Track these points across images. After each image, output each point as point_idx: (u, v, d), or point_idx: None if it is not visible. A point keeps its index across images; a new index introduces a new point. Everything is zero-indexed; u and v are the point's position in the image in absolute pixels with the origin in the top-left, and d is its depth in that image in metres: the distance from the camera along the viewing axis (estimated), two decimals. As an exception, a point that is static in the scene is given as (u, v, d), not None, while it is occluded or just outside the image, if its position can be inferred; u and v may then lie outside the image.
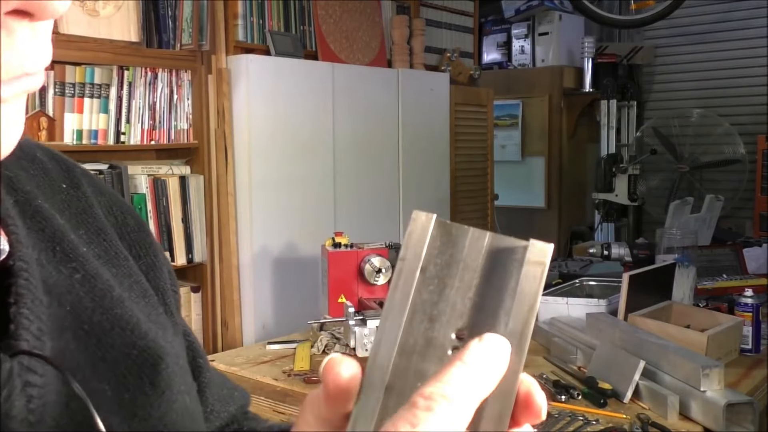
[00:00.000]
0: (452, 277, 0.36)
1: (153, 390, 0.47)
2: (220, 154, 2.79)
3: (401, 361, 0.34)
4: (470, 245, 0.36)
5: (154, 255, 0.59)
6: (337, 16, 3.31)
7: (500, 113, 4.73)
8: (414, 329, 0.35)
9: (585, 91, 4.76)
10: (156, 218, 2.62)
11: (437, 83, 3.68)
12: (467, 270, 0.36)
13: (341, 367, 0.35)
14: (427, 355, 0.35)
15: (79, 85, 2.41)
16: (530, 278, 0.35)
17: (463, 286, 0.35)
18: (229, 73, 2.81)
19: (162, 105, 2.63)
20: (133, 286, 0.53)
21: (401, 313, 0.35)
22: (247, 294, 2.84)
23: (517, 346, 0.34)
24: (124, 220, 0.57)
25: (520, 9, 4.83)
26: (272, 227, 2.90)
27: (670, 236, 2.42)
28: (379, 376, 0.34)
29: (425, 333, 0.35)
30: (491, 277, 0.35)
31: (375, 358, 0.34)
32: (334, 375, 0.35)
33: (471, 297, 0.35)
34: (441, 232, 0.36)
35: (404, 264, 0.35)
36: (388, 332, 0.35)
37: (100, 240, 0.53)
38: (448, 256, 0.36)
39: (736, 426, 1.47)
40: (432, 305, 0.35)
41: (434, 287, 0.35)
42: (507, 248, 0.35)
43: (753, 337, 1.94)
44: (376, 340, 0.35)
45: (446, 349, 0.35)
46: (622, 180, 4.57)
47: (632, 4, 4.42)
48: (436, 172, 3.67)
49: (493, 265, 0.36)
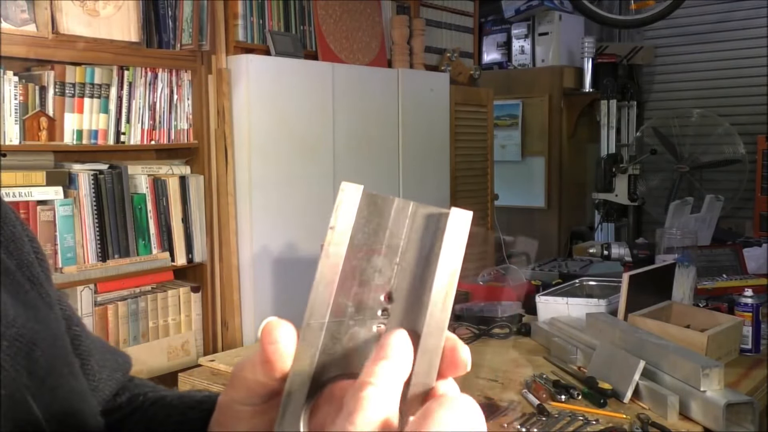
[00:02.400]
0: (379, 244, 0.37)
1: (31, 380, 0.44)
2: (220, 154, 2.79)
3: (333, 324, 0.36)
4: (396, 214, 0.38)
5: (11, 224, 0.53)
6: (337, 16, 3.31)
7: (500, 113, 4.73)
8: (345, 293, 0.37)
9: (585, 91, 4.76)
10: (156, 218, 2.62)
11: (437, 83, 3.68)
12: (393, 237, 0.38)
13: (279, 331, 0.36)
14: (357, 318, 0.37)
15: (79, 85, 2.41)
16: (452, 243, 0.36)
17: (390, 252, 0.38)
18: (229, 73, 2.81)
19: (162, 105, 2.63)
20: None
21: (333, 279, 0.37)
22: (247, 294, 2.84)
23: (441, 305, 0.36)
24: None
25: (520, 9, 4.83)
26: (272, 227, 2.90)
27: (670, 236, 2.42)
28: (313, 339, 0.36)
29: (355, 297, 0.37)
30: (416, 243, 0.38)
31: (309, 322, 0.36)
32: (273, 339, 0.36)
33: (397, 262, 0.37)
34: (368, 202, 0.38)
35: (334, 233, 0.37)
36: (320, 297, 0.37)
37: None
38: (375, 225, 0.38)
39: (736, 426, 1.47)
40: (361, 271, 0.37)
41: (363, 254, 0.37)
42: (430, 215, 0.38)
43: (753, 337, 1.94)
44: (310, 305, 0.37)
45: (375, 311, 0.37)
46: (622, 180, 4.57)
47: (632, 4, 4.42)
48: (436, 172, 3.67)
49: (418, 232, 0.38)
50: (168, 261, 2.65)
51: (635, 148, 4.66)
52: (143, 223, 2.59)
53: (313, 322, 0.36)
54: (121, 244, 2.50)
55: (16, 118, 2.26)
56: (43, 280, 0.53)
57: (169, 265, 2.66)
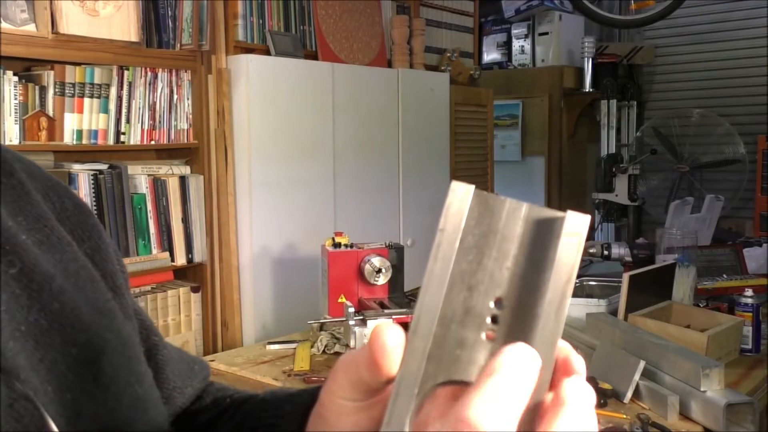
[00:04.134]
0: (490, 248, 0.36)
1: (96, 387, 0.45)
2: (220, 154, 2.79)
3: (441, 330, 0.35)
4: (507, 216, 0.36)
5: (98, 237, 0.56)
6: (337, 16, 3.31)
7: (500, 113, 4.73)
8: (453, 299, 0.36)
9: (585, 91, 4.76)
10: (156, 218, 2.62)
11: (437, 83, 3.68)
12: (505, 240, 0.36)
13: (388, 334, 0.35)
14: (466, 324, 0.36)
15: (79, 85, 2.41)
16: (567, 249, 0.35)
17: (501, 256, 0.36)
18: (229, 73, 2.81)
19: (162, 105, 2.63)
20: (79, 271, 0.50)
21: (441, 284, 0.35)
22: (247, 294, 2.84)
23: (555, 314, 0.35)
24: (62, 205, 0.54)
25: (520, 9, 4.83)
26: (272, 227, 2.90)
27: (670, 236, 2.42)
28: (420, 345, 0.35)
29: (464, 302, 0.36)
30: (528, 247, 0.36)
31: (416, 328, 0.35)
32: (381, 342, 0.35)
33: (509, 267, 0.36)
34: (479, 202, 0.36)
35: (443, 235, 0.36)
36: (428, 302, 0.35)
37: (41, 226, 0.50)
38: (485, 227, 0.36)
39: (736, 426, 1.47)
40: (471, 275, 0.36)
41: (473, 257, 0.36)
42: (544, 219, 0.36)
43: (753, 337, 1.94)
44: (417, 310, 0.35)
45: (484, 317, 0.36)
46: (622, 180, 4.57)
47: (632, 4, 4.42)
48: (436, 172, 3.67)
49: (531, 236, 0.36)
50: (168, 261, 2.65)
51: (635, 148, 4.66)
52: (143, 223, 2.59)
53: (421, 327, 0.35)
54: (121, 244, 2.49)
55: (16, 118, 2.26)
56: (124, 290, 0.56)
57: (169, 265, 2.66)
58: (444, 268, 0.35)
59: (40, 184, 0.53)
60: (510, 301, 0.36)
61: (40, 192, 0.53)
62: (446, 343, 0.35)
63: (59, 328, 0.44)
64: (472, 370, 0.35)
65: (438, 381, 0.35)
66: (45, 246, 0.49)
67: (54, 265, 0.48)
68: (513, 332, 0.35)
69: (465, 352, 0.35)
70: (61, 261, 0.49)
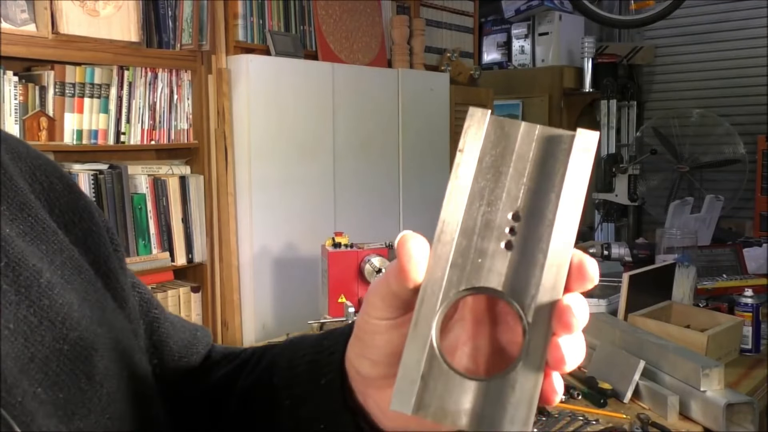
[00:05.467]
0: (506, 166, 0.39)
1: (90, 385, 0.43)
2: (220, 154, 2.79)
3: (463, 240, 0.38)
4: (522, 137, 0.39)
5: (90, 219, 0.54)
6: (337, 16, 3.31)
7: (500, 113, 4.72)
8: (473, 212, 0.38)
9: (585, 91, 4.75)
10: (156, 218, 2.62)
11: (437, 83, 3.68)
12: (520, 159, 0.39)
13: (413, 242, 0.37)
14: (486, 235, 0.38)
15: (79, 85, 2.41)
16: (579, 162, 0.38)
17: (517, 174, 0.39)
18: (229, 73, 2.81)
19: (162, 105, 2.63)
20: (65, 263, 0.48)
21: (462, 198, 0.38)
22: (247, 294, 2.84)
23: (569, 223, 0.38)
24: (51, 185, 0.52)
25: (520, 9, 4.83)
26: (272, 227, 2.90)
27: (670, 236, 2.42)
28: (444, 253, 0.38)
29: (484, 216, 0.38)
30: (542, 163, 0.39)
31: (440, 237, 0.38)
32: (407, 249, 0.37)
33: (524, 183, 0.39)
34: (495, 126, 0.39)
35: (462, 155, 0.38)
36: (450, 215, 0.38)
37: (24, 215, 0.47)
38: (502, 147, 0.39)
39: (736, 426, 1.47)
40: (489, 191, 0.39)
41: (491, 175, 0.39)
42: (556, 136, 0.39)
43: (753, 337, 1.94)
44: (441, 222, 0.38)
45: (503, 228, 0.38)
46: (622, 180, 4.57)
47: (632, 4, 4.41)
48: (436, 172, 3.67)
49: (544, 154, 0.39)
50: (168, 261, 2.65)
51: (635, 148, 4.66)
52: (143, 223, 2.59)
53: (444, 237, 0.38)
54: (121, 244, 2.49)
55: (16, 118, 2.26)
56: (118, 271, 0.54)
57: (169, 265, 2.66)
58: (464, 184, 0.38)
59: (26, 164, 0.51)
60: (526, 213, 0.38)
61: (27, 173, 0.50)
62: (468, 252, 0.38)
63: (49, 325, 0.43)
64: (493, 278, 0.38)
65: (461, 287, 0.38)
66: (29, 237, 0.47)
67: (40, 257, 0.46)
68: (530, 241, 0.38)
69: (486, 261, 0.38)
70: (47, 252, 0.47)
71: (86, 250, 0.51)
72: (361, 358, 0.44)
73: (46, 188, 0.51)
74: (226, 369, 0.60)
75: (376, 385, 0.45)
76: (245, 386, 0.56)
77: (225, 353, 0.64)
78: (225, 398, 0.57)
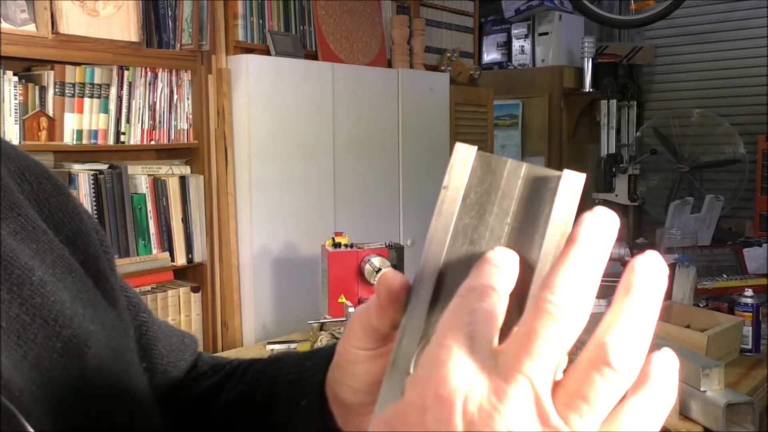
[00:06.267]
0: (491, 204, 0.39)
1: (83, 383, 0.44)
2: (220, 154, 2.79)
3: (444, 279, 0.38)
4: (508, 175, 0.39)
5: (79, 219, 0.53)
6: (337, 16, 3.31)
7: (500, 113, 4.73)
8: (456, 250, 0.38)
9: (585, 91, 4.76)
10: (156, 218, 2.62)
11: (437, 83, 3.68)
12: (505, 197, 0.39)
13: (393, 279, 0.38)
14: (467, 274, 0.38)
15: (79, 85, 2.41)
16: (563, 204, 0.37)
17: (501, 212, 0.38)
18: (229, 73, 2.81)
19: (162, 105, 2.63)
20: (56, 261, 0.48)
21: (444, 236, 0.38)
22: (247, 294, 2.84)
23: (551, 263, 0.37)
24: (40, 186, 0.52)
25: (520, 9, 4.83)
26: (272, 227, 2.90)
27: (670, 236, 2.42)
28: (425, 290, 0.37)
29: (467, 254, 0.38)
30: (527, 204, 0.38)
31: (422, 275, 0.38)
32: (387, 286, 0.38)
33: (509, 222, 0.38)
34: (481, 162, 0.39)
35: (447, 192, 0.38)
36: (432, 253, 0.38)
37: (15, 215, 0.47)
38: (487, 185, 0.39)
39: (736, 426, 1.47)
40: (473, 229, 0.38)
41: (475, 213, 0.38)
42: (542, 177, 0.39)
43: (753, 337, 1.94)
44: (423, 259, 0.38)
45: None
46: (622, 180, 4.57)
47: (632, 4, 4.42)
48: (436, 172, 3.66)
49: (529, 193, 0.39)
50: (168, 261, 2.65)
51: (635, 148, 4.66)
52: (143, 223, 2.59)
53: (425, 274, 0.37)
54: (121, 244, 2.50)
55: (16, 118, 2.26)
56: (108, 273, 0.53)
57: (169, 265, 2.66)
58: (447, 222, 0.38)
59: (15, 164, 0.51)
60: None
61: (16, 173, 0.51)
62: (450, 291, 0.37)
63: (42, 323, 0.43)
64: None
65: None
66: (20, 236, 0.46)
67: (32, 256, 0.46)
68: None
69: None
70: (38, 251, 0.47)
71: (76, 250, 0.51)
72: (341, 385, 0.45)
73: (35, 189, 0.51)
74: (211, 380, 0.60)
75: (356, 412, 0.45)
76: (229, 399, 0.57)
77: (212, 363, 0.64)
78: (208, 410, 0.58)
